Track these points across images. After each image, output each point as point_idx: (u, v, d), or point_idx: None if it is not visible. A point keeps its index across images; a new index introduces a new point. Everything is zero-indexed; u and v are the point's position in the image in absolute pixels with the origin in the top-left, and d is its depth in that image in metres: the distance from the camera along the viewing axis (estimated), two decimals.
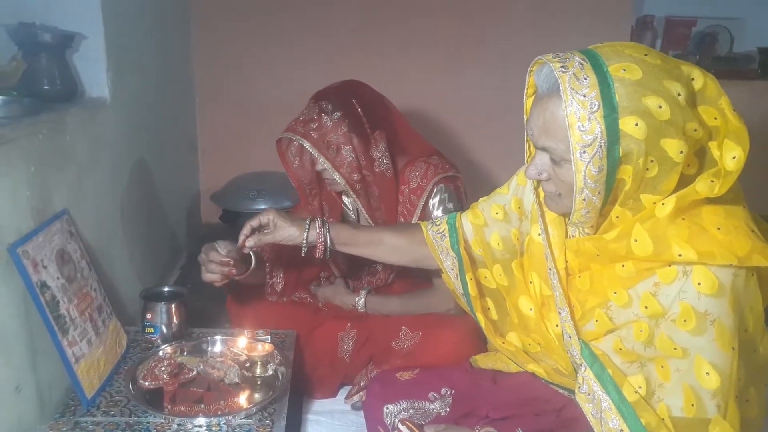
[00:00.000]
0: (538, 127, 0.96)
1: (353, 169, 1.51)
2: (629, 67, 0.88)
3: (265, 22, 2.67)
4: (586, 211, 0.95)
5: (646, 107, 0.86)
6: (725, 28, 3.08)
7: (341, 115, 1.49)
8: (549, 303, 1.10)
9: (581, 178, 0.90)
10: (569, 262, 1.07)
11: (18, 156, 1.16)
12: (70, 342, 1.21)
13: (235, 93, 2.75)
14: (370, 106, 1.55)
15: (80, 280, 1.30)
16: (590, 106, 0.87)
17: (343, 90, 1.56)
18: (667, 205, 0.92)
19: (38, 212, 1.22)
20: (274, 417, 1.24)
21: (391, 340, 1.54)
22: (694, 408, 0.90)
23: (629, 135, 0.87)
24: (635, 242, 0.93)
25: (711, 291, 0.89)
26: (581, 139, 0.88)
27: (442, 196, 1.58)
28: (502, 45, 2.71)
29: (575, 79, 0.88)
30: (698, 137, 0.90)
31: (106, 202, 1.63)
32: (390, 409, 1.24)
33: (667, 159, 0.88)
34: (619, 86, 0.87)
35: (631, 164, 0.89)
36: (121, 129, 1.75)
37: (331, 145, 1.49)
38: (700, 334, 0.90)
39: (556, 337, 1.09)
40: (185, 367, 1.36)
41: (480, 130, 2.80)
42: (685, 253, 0.89)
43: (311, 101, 1.55)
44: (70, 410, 1.23)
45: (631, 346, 0.97)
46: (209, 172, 2.82)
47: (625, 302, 0.98)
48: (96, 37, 1.60)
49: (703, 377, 0.89)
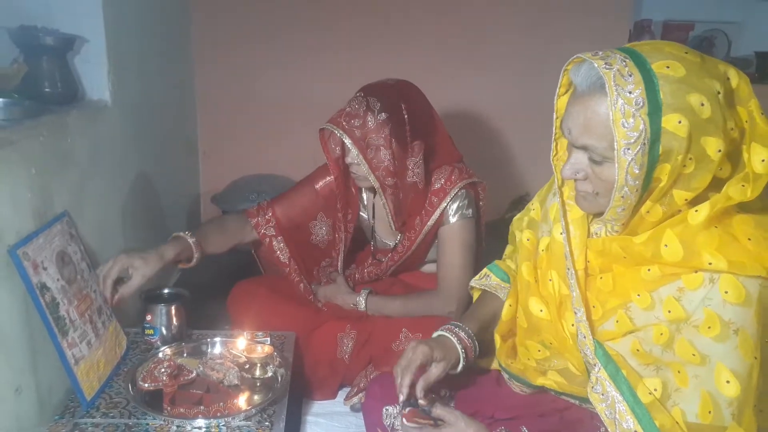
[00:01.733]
0: (578, 126, 0.95)
1: (388, 173, 1.51)
2: (673, 65, 0.88)
3: (265, 25, 2.68)
4: (622, 208, 0.94)
5: (689, 104, 0.86)
6: (722, 32, 3.09)
7: (387, 118, 1.47)
8: (566, 302, 1.09)
9: (623, 176, 0.89)
10: (590, 262, 1.06)
11: (19, 158, 1.16)
12: (70, 343, 1.21)
13: (235, 95, 2.76)
14: (416, 113, 1.54)
15: (80, 281, 1.31)
16: (635, 103, 0.86)
17: (395, 92, 1.54)
18: (701, 212, 0.91)
19: (39, 214, 1.23)
20: (273, 419, 1.25)
21: (391, 342, 1.55)
22: (711, 415, 0.90)
23: (671, 133, 0.87)
24: (665, 247, 0.93)
25: (738, 300, 0.89)
26: (626, 136, 0.87)
27: (462, 202, 1.60)
28: (501, 48, 2.73)
29: (620, 76, 0.87)
30: (734, 137, 0.90)
31: (106, 204, 1.64)
32: (389, 411, 1.24)
33: (705, 157, 0.88)
34: (664, 83, 0.87)
35: (670, 162, 0.88)
36: (121, 131, 1.76)
37: (371, 146, 1.49)
38: (722, 342, 0.89)
39: (570, 336, 1.08)
40: (185, 368, 1.36)
41: (481, 131, 2.81)
42: (715, 261, 0.89)
43: (360, 94, 1.52)
44: (70, 412, 1.24)
45: (649, 349, 0.97)
46: (209, 174, 2.83)
47: (648, 305, 0.97)
48: (97, 40, 1.61)
49: (723, 385, 0.89)
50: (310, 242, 1.75)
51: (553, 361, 1.14)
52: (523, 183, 2.85)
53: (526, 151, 2.83)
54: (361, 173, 1.54)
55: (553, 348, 1.13)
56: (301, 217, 1.72)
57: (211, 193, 2.63)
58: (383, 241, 1.76)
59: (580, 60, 0.94)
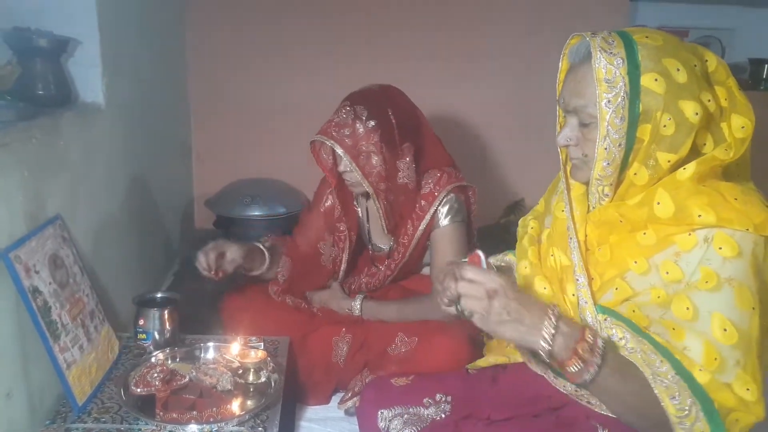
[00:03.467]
0: (569, 91, 1.06)
1: (380, 178, 1.53)
2: (652, 36, 1.00)
3: (259, 29, 2.68)
4: (607, 162, 1.01)
5: (665, 67, 0.97)
6: (717, 39, 3.11)
7: (375, 125, 1.49)
8: (567, 274, 1.13)
9: (604, 126, 0.99)
10: (589, 236, 1.12)
11: (11, 160, 1.15)
12: (62, 348, 1.20)
13: (229, 99, 2.75)
14: (403, 117, 1.56)
15: (72, 285, 1.30)
16: (616, 62, 0.98)
17: (380, 97, 1.56)
18: (688, 169, 0.99)
19: (31, 217, 1.22)
20: (266, 424, 1.24)
21: (386, 346, 1.55)
22: (716, 362, 0.93)
23: (649, 90, 0.97)
24: (658, 205, 1.00)
25: (732, 253, 0.95)
26: (607, 90, 0.98)
27: (452, 205, 1.61)
28: (496, 54, 2.74)
29: (604, 41, 1.00)
30: (712, 110, 0.98)
31: (99, 208, 1.63)
32: (384, 414, 1.24)
33: (683, 119, 0.97)
34: (642, 48, 0.99)
35: (650, 122, 0.98)
36: (115, 134, 1.75)
37: (362, 153, 1.51)
38: (718, 291, 0.94)
39: (571, 307, 1.11)
40: (177, 373, 1.35)
41: (476, 136, 2.82)
42: (705, 215, 0.96)
43: (346, 103, 1.54)
44: (61, 417, 1.23)
45: (646, 312, 1.01)
46: (203, 177, 2.82)
47: (644, 270, 1.02)
48: (91, 42, 1.60)
49: (721, 333, 0.93)
50: (320, 264, 1.74)
51: None
52: (518, 188, 2.86)
53: (521, 156, 2.84)
54: (354, 180, 1.55)
55: None
56: (315, 240, 1.75)
57: (204, 196, 2.62)
58: (378, 246, 1.76)
59: (576, 40, 1.07)
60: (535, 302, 0.99)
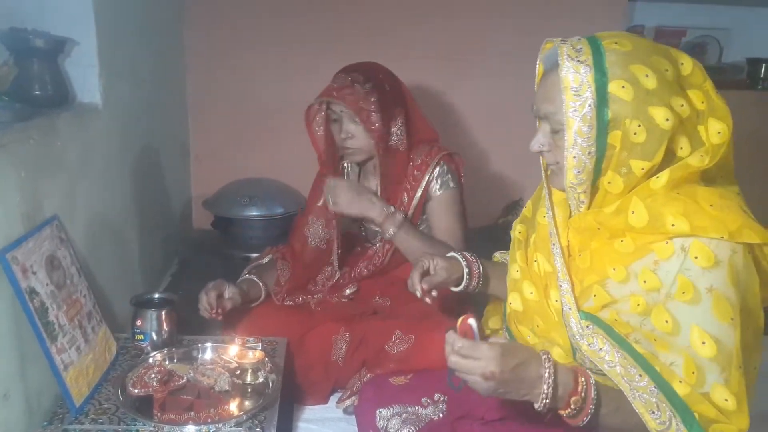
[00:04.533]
0: (540, 98, 1.06)
1: (380, 136, 1.60)
2: (621, 41, 0.99)
3: (257, 29, 2.68)
4: (578, 171, 1.00)
5: (633, 74, 0.96)
6: (714, 39, 3.11)
7: (372, 86, 1.59)
8: (551, 280, 1.13)
9: (572, 135, 0.98)
10: (571, 241, 1.12)
11: (8, 161, 1.15)
12: (59, 349, 1.20)
13: (227, 99, 2.75)
14: (392, 83, 1.67)
15: (70, 286, 1.29)
16: (583, 70, 0.97)
17: (369, 67, 1.68)
18: (662, 177, 0.98)
19: (28, 218, 1.22)
20: (264, 425, 1.24)
21: (384, 344, 1.54)
22: (695, 375, 0.93)
23: (617, 97, 0.95)
24: (632, 214, 0.99)
25: (708, 263, 0.94)
26: (573, 99, 0.97)
27: (443, 170, 1.67)
28: (494, 54, 2.74)
29: (572, 48, 0.99)
30: (686, 115, 0.97)
31: (97, 208, 1.63)
32: (383, 413, 1.24)
33: (654, 126, 0.96)
34: (610, 55, 0.97)
35: (620, 128, 0.96)
36: (112, 135, 1.75)
37: (363, 111, 1.57)
38: (696, 304, 0.94)
39: (555, 313, 1.11)
40: (175, 374, 1.35)
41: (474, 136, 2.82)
42: (678, 223, 0.95)
43: (340, 74, 1.64)
44: (59, 418, 1.22)
45: (626, 319, 1.01)
46: (201, 178, 2.81)
47: (623, 278, 1.02)
48: (88, 42, 1.60)
49: (699, 346, 0.93)
50: (309, 247, 1.75)
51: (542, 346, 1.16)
52: (516, 188, 2.86)
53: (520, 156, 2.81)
54: (355, 145, 1.62)
55: (539, 331, 1.16)
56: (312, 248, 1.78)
57: (202, 197, 2.62)
58: (372, 229, 1.76)
59: (549, 45, 1.06)
60: (529, 368, 0.96)
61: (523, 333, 1.20)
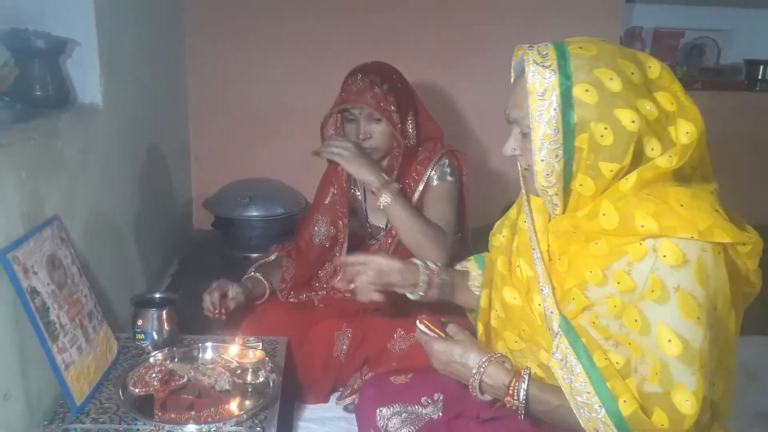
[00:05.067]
0: (510, 103, 1.07)
1: (403, 134, 1.64)
2: (586, 46, 1.00)
3: (258, 30, 2.68)
4: (547, 173, 1.02)
5: (597, 78, 0.97)
6: (713, 40, 3.13)
7: (389, 87, 1.62)
8: (533, 284, 1.14)
9: (538, 138, 0.99)
10: (551, 246, 1.13)
11: (9, 161, 1.16)
12: (60, 348, 1.20)
13: (228, 100, 2.75)
14: (402, 82, 1.70)
15: (71, 286, 1.30)
16: (548, 75, 0.98)
17: (382, 67, 1.69)
18: (630, 179, 0.99)
19: (29, 218, 1.22)
20: (264, 424, 1.24)
21: (386, 342, 1.55)
22: (658, 376, 0.94)
23: (582, 101, 0.96)
24: (603, 216, 1.00)
25: (675, 262, 0.94)
26: (538, 103, 0.98)
27: (444, 169, 1.69)
28: (492, 55, 2.73)
29: (538, 54, 1.00)
30: (653, 117, 0.97)
31: (97, 208, 1.63)
32: (383, 413, 1.24)
33: (620, 128, 0.96)
34: (575, 59, 0.98)
35: (586, 131, 0.97)
36: (113, 135, 1.75)
37: (385, 111, 1.60)
38: (663, 303, 0.94)
39: (539, 317, 1.12)
40: (176, 373, 1.35)
41: (473, 136, 2.82)
42: (647, 224, 0.96)
43: (356, 75, 1.63)
44: (60, 417, 1.23)
45: (605, 323, 1.01)
46: (201, 178, 2.82)
47: (599, 280, 1.02)
48: (89, 43, 1.60)
49: (665, 344, 0.94)
50: (314, 245, 1.77)
51: (528, 356, 1.17)
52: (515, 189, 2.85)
53: None
54: (374, 144, 1.64)
55: (525, 335, 1.17)
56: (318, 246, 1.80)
57: (202, 197, 2.62)
58: (375, 225, 1.78)
59: (520, 51, 1.06)
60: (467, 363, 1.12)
61: (509, 339, 1.21)
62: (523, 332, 1.17)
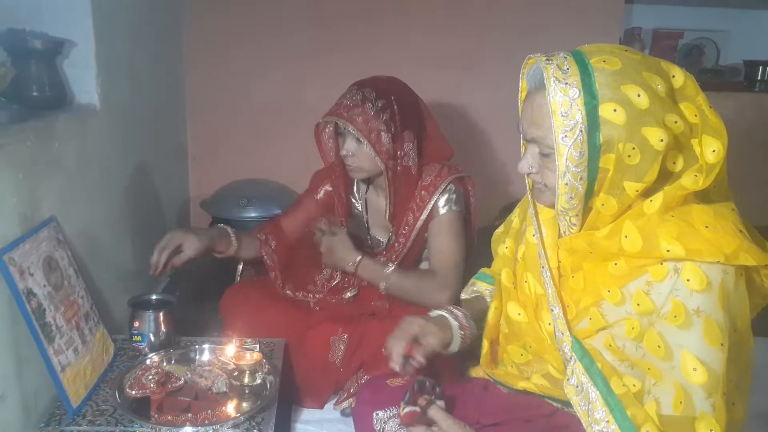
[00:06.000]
0: (526, 120, 1.02)
1: (389, 156, 1.58)
2: (609, 59, 0.93)
3: (256, 31, 2.68)
4: (570, 196, 0.98)
5: (625, 95, 0.91)
6: (712, 41, 3.13)
7: (383, 104, 1.56)
8: (542, 302, 1.11)
9: (563, 162, 0.94)
10: (562, 262, 1.09)
11: (6, 162, 1.15)
12: (56, 350, 1.20)
13: (225, 100, 2.75)
14: (407, 104, 1.63)
15: (67, 287, 1.29)
16: (572, 93, 0.92)
17: (386, 83, 1.65)
18: (656, 201, 0.95)
19: (26, 219, 1.22)
20: (262, 426, 1.24)
21: (382, 346, 1.54)
22: (682, 405, 0.91)
23: (609, 121, 0.92)
24: (625, 239, 0.96)
25: (700, 287, 0.91)
26: (563, 124, 0.93)
27: (450, 195, 1.65)
28: (493, 56, 2.74)
29: (558, 69, 0.94)
30: (680, 131, 0.93)
31: (94, 209, 1.63)
32: (380, 416, 1.23)
33: (648, 147, 0.92)
34: (599, 75, 0.92)
35: (613, 152, 0.93)
36: (110, 136, 1.74)
37: (373, 131, 1.56)
38: (687, 329, 0.92)
39: (548, 336, 1.10)
40: (173, 375, 1.35)
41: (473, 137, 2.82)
42: (673, 248, 0.92)
43: (353, 87, 1.61)
44: (56, 419, 1.22)
45: (622, 344, 0.99)
46: (199, 179, 2.81)
47: (618, 300, 0.99)
48: (86, 43, 1.60)
49: (690, 372, 0.91)
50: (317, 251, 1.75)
51: (535, 366, 1.16)
52: (514, 190, 2.86)
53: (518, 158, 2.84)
54: (357, 164, 1.60)
55: (533, 351, 1.15)
56: (302, 230, 1.78)
57: (200, 198, 2.62)
58: (377, 239, 1.76)
59: (532, 61, 1.01)
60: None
61: (513, 353, 1.19)
62: (530, 348, 1.15)
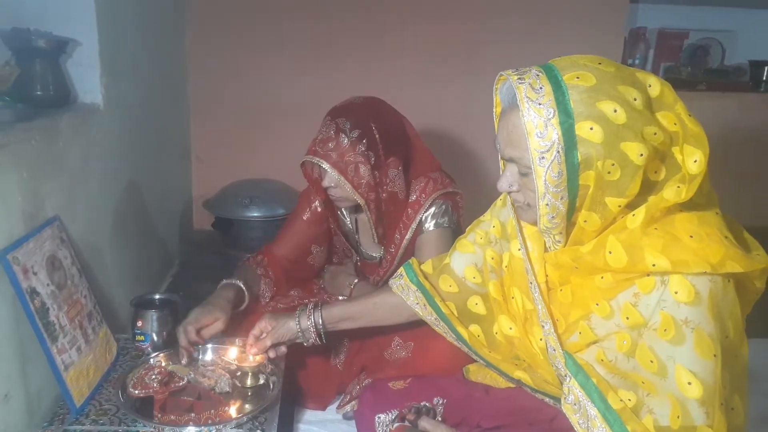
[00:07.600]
0: (503, 140, 1.00)
1: (370, 188, 1.50)
2: (583, 75, 0.91)
3: (259, 30, 2.68)
4: (551, 216, 0.96)
5: (601, 112, 0.89)
6: (717, 41, 3.11)
7: (359, 134, 1.47)
8: (532, 317, 1.10)
9: (542, 183, 0.93)
10: (549, 276, 1.08)
11: (10, 162, 1.15)
12: (60, 349, 1.20)
13: (229, 100, 2.75)
14: (389, 130, 1.54)
15: (71, 287, 1.29)
16: (546, 113, 0.90)
17: (362, 109, 1.54)
18: (638, 216, 0.94)
19: (29, 218, 1.22)
20: (264, 427, 1.24)
21: (383, 351, 1.53)
22: (679, 419, 0.90)
23: (586, 140, 0.90)
24: (610, 254, 0.95)
25: (688, 299, 0.90)
26: (539, 146, 0.91)
27: (437, 210, 1.59)
28: (496, 56, 2.73)
29: (531, 89, 0.92)
30: (659, 141, 0.91)
31: (98, 209, 1.63)
32: (382, 419, 1.23)
33: (628, 162, 0.91)
34: (573, 92, 0.90)
35: (593, 169, 0.91)
36: (114, 135, 1.74)
37: (350, 165, 1.48)
38: (679, 344, 0.91)
39: (540, 351, 1.09)
40: (176, 375, 1.35)
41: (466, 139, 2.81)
42: (658, 262, 0.91)
43: (327, 118, 1.52)
44: (59, 418, 1.22)
45: (613, 357, 0.98)
46: (202, 178, 2.81)
47: (607, 313, 0.98)
48: (90, 43, 1.60)
49: (686, 387, 0.90)
50: (306, 263, 1.73)
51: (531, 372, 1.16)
52: None
53: None
54: (340, 195, 1.53)
55: (525, 364, 1.15)
56: (295, 253, 1.70)
57: (203, 197, 2.62)
58: (369, 254, 1.75)
59: (504, 78, 0.99)
60: None
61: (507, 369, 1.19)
62: (522, 362, 1.15)
